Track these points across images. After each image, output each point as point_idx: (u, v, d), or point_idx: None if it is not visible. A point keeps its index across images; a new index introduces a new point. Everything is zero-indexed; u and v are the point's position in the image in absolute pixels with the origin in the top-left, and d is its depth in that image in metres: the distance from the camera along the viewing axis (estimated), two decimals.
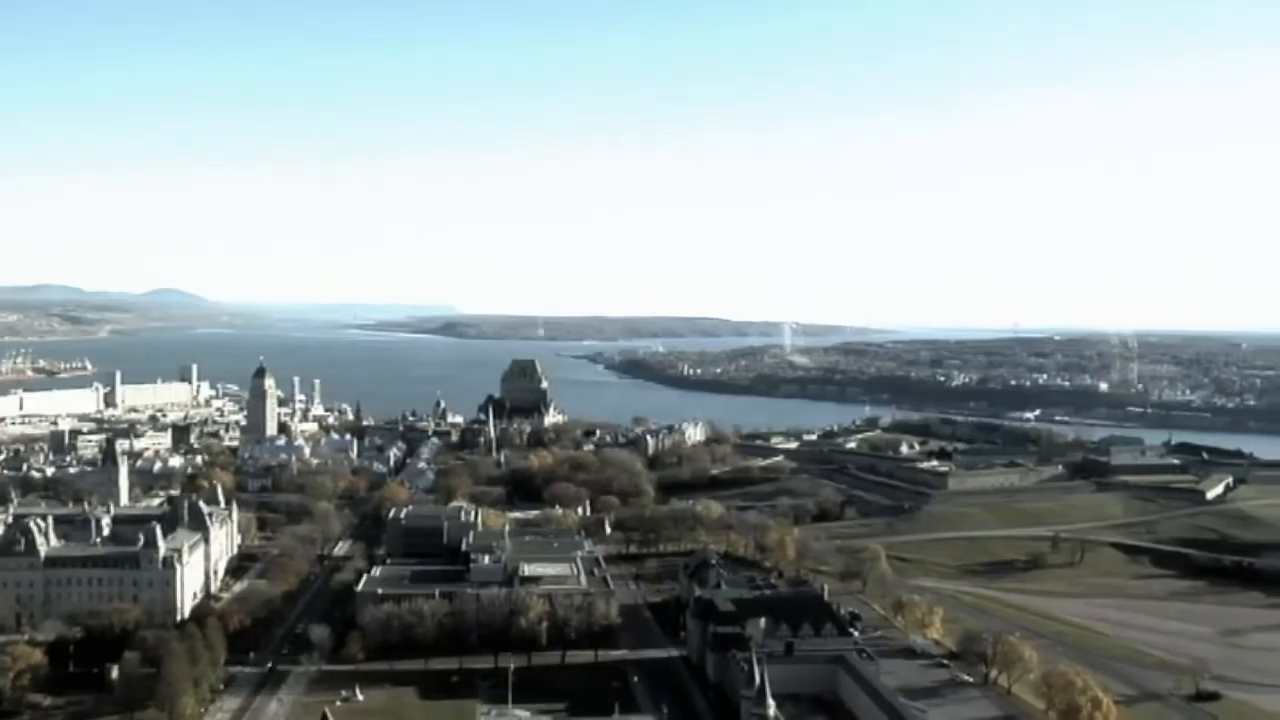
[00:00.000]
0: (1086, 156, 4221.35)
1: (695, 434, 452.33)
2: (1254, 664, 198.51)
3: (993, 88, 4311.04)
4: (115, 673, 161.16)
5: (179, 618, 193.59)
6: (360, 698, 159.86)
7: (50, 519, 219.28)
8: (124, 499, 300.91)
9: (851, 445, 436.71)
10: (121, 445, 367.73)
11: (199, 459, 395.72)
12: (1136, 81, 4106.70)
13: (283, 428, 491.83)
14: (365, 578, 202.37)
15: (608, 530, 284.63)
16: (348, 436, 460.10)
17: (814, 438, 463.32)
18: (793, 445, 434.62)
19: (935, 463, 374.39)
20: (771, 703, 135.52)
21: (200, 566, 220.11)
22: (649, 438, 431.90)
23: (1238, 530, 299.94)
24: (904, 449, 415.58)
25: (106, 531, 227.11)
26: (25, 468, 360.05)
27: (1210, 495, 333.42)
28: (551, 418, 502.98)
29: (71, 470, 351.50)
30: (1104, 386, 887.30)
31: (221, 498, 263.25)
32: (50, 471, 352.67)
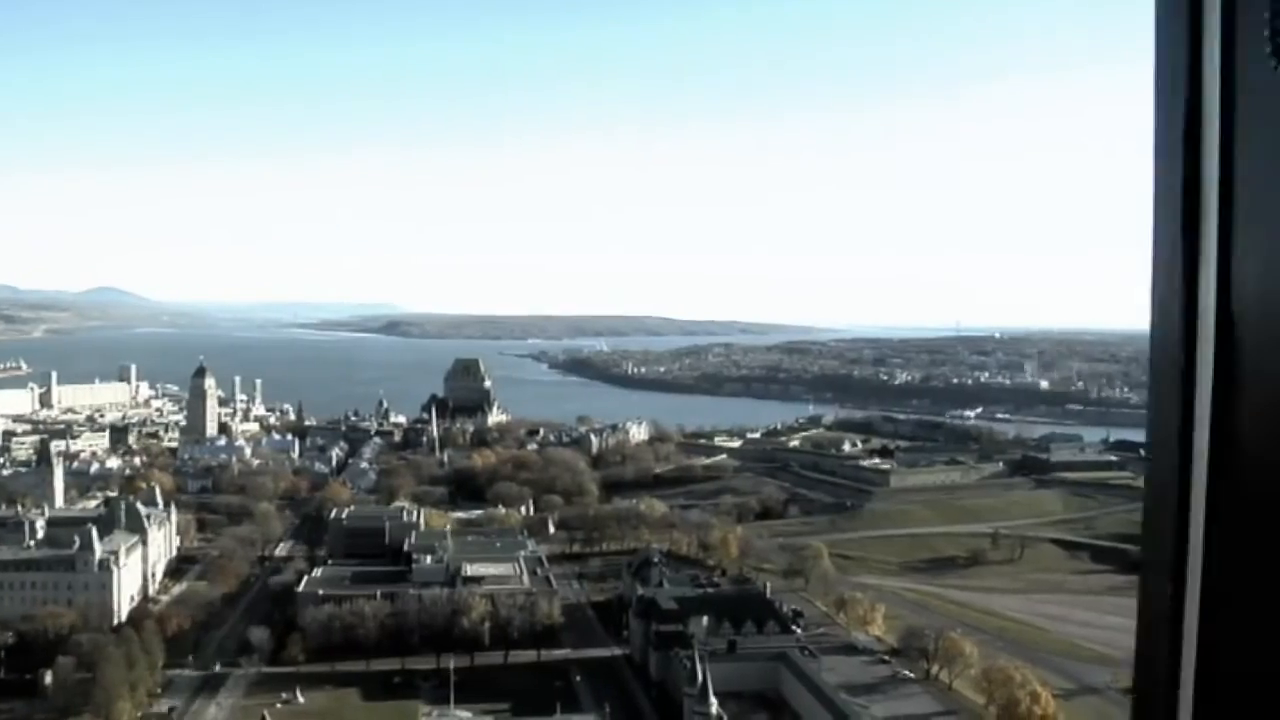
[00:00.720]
0: (1024, 153, 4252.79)
1: (639, 433, 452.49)
2: None
3: (939, 84, 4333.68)
4: (49, 679, 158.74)
5: (115, 622, 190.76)
6: (301, 700, 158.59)
7: None
8: (59, 501, 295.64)
9: (795, 443, 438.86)
10: (57, 446, 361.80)
11: (137, 460, 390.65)
12: (1074, 78, 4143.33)
13: (223, 428, 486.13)
14: (306, 579, 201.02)
15: (551, 530, 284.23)
16: (289, 437, 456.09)
17: (757, 436, 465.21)
18: (736, 444, 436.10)
19: (877, 460, 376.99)
20: (714, 700, 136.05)
21: (138, 569, 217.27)
22: (593, 437, 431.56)
23: None
24: (847, 447, 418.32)
25: (41, 534, 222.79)
26: None
27: None
28: (495, 417, 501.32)
29: (5, 472, 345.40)
30: (1044, 384, 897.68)
31: (160, 499, 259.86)
32: None
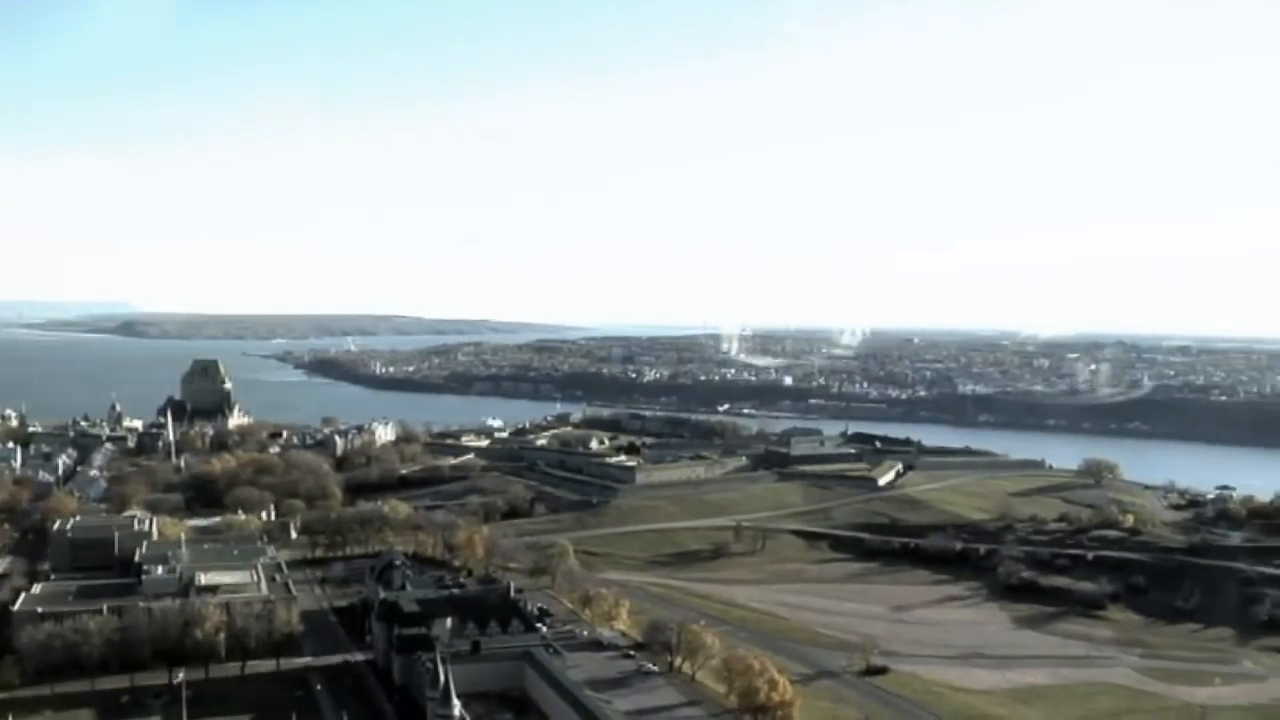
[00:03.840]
0: (773, 145, 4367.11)
1: (385, 434, 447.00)
2: (919, 638, 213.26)
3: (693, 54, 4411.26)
4: None
5: None
6: None
7: None
8: None
9: (542, 442, 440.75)
10: None
11: None
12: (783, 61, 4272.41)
13: None
14: (24, 596, 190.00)
15: (293, 535, 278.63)
16: (10, 444, 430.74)
17: (505, 435, 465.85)
18: (484, 443, 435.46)
19: (624, 457, 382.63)
20: (457, 703, 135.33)
21: None
22: (338, 438, 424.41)
23: (907, 514, 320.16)
24: (594, 444, 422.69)
25: None
26: None
27: (882, 482, 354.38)
28: (236, 419, 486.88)
29: None
30: (788, 380, 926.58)
31: None
32: None
